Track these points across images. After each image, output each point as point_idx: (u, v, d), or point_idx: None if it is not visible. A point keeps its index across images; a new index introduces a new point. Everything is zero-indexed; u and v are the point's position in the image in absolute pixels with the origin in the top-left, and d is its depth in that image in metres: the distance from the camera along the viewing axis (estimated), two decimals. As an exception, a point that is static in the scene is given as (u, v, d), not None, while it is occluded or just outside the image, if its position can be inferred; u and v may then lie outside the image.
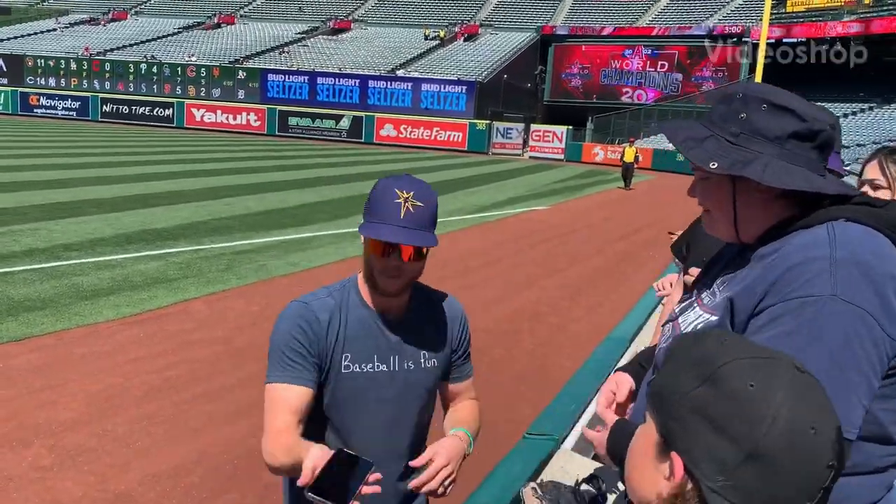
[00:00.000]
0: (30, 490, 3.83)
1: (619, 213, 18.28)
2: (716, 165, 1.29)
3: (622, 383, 1.68)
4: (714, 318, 1.39)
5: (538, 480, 1.41)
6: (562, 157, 41.15)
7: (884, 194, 2.25)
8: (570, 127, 42.48)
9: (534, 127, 43.80)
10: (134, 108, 49.08)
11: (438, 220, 1.79)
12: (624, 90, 47.93)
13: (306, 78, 47.66)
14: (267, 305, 7.42)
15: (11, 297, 7.15)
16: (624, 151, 27.32)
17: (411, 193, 1.70)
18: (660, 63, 47.36)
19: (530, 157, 41.38)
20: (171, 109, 48.20)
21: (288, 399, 1.71)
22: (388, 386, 1.81)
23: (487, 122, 42.92)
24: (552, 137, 42.37)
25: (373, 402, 1.81)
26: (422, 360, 1.86)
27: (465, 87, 44.66)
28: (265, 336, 1.81)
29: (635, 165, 26.36)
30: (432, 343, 1.88)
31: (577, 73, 49.52)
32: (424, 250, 1.74)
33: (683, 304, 1.57)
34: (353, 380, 1.78)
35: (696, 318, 1.46)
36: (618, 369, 1.78)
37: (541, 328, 7.59)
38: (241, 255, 9.77)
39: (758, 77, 21.94)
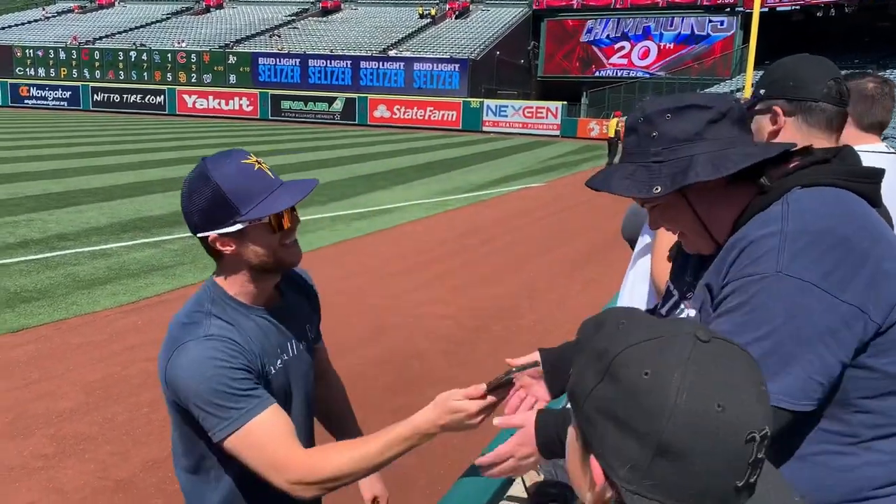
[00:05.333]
0: (32, 479, 3.83)
1: (616, 188, 18.20)
2: (659, 189, 1.27)
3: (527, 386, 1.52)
4: (693, 311, 1.40)
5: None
6: (557, 133, 40.97)
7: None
8: (565, 102, 42.24)
9: (527, 104, 43.51)
10: (125, 96, 48.72)
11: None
12: (618, 63, 47.66)
13: (298, 61, 47.31)
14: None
15: (7, 289, 7.13)
16: (609, 125, 27.02)
17: (253, 156, 1.56)
18: (654, 34, 47.07)
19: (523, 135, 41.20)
20: (162, 96, 47.88)
21: (276, 422, 1.52)
22: (296, 370, 1.76)
23: (481, 100, 42.69)
24: (546, 114, 42.11)
25: (294, 391, 1.76)
26: (308, 334, 1.84)
27: (457, 66, 44.37)
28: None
29: (617, 139, 25.53)
30: (307, 314, 1.86)
31: (571, 47, 49.21)
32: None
33: (668, 305, 1.57)
34: (276, 381, 1.68)
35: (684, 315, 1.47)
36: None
37: (539, 304, 7.59)
38: (237, 240, 9.74)
39: (751, 47, 21.65)
